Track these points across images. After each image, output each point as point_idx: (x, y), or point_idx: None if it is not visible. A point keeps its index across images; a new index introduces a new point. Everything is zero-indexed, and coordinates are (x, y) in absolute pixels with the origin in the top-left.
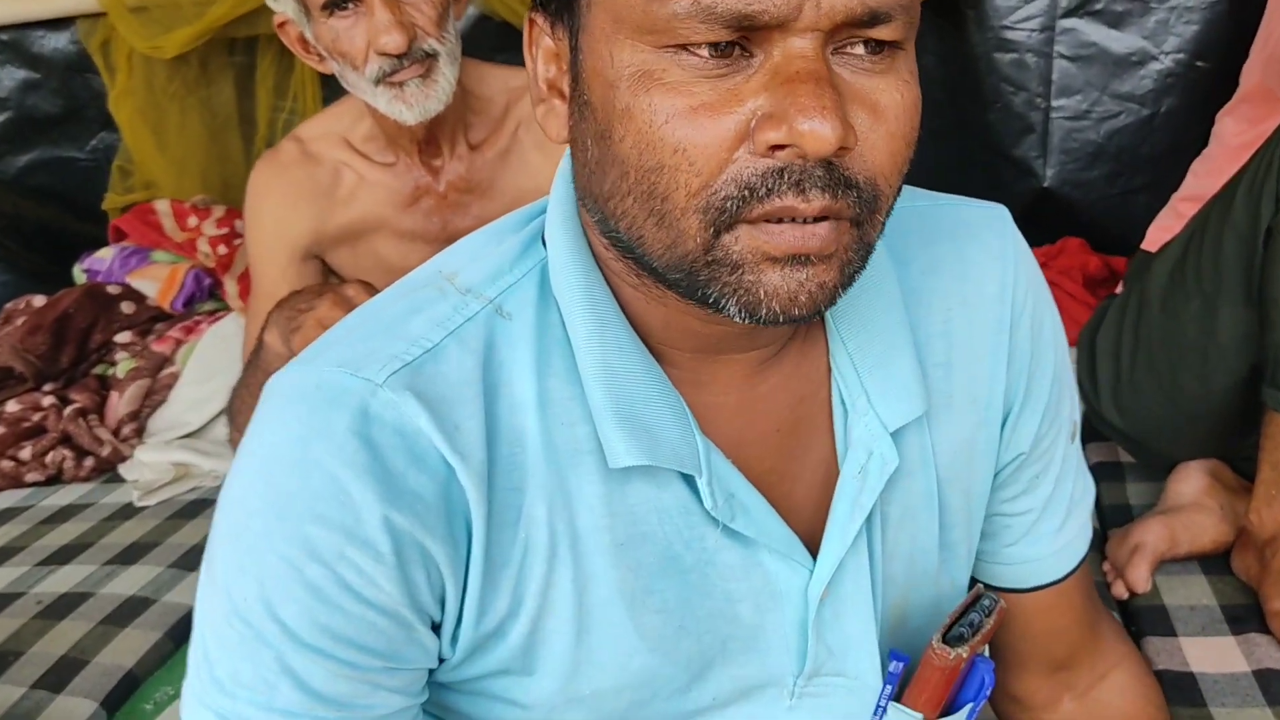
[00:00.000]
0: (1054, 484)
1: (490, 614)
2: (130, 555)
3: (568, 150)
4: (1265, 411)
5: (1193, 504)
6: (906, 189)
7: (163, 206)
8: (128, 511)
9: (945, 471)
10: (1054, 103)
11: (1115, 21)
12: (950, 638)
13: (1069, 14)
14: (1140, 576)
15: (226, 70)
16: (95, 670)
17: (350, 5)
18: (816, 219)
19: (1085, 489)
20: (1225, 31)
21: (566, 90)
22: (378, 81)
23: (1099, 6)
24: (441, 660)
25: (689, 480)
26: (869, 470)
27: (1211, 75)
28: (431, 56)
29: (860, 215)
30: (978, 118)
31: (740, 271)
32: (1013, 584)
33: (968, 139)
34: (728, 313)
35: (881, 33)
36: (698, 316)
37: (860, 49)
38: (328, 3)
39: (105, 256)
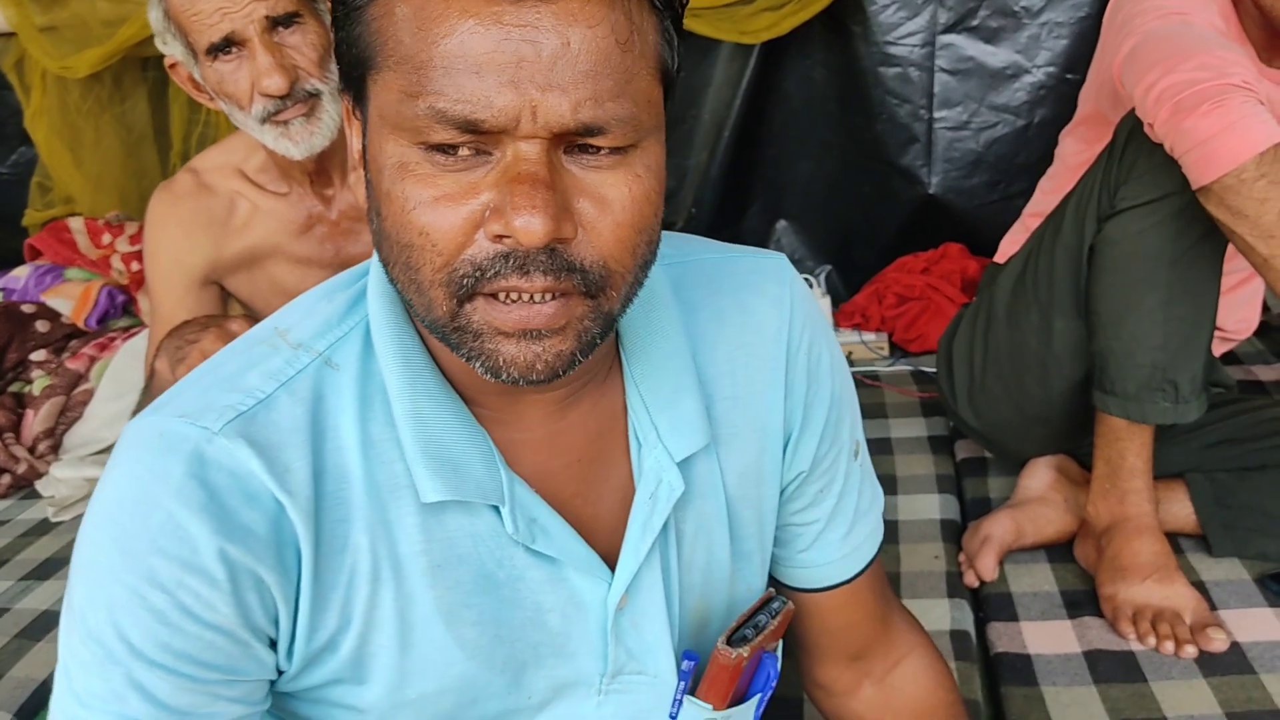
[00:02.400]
0: (838, 497)
1: (321, 631)
2: (45, 570)
3: None
4: (1096, 413)
5: (1039, 498)
6: (700, 241)
7: (77, 224)
8: (44, 527)
9: (734, 491)
10: (936, 114)
11: (990, 37)
12: (734, 639)
13: (948, 30)
14: (987, 566)
15: (140, 87)
16: (9, 683)
17: (234, 49)
18: (544, 297)
19: (872, 499)
20: (1093, 46)
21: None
22: (263, 120)
23: (975, 23)
24: (281, 672)
25: (497, 509)
26: (658, 496)
27: (1080, 87)
28: (314, 96)
29: (591, 290)
30: (866, 129)
31: (481, 339)
32: (807, 585)
33: (858, 149)
34: (478, 372)
35: (601, 141)
36: None
37: (585, 150)
38: (211, 47)
39: (20, 275)
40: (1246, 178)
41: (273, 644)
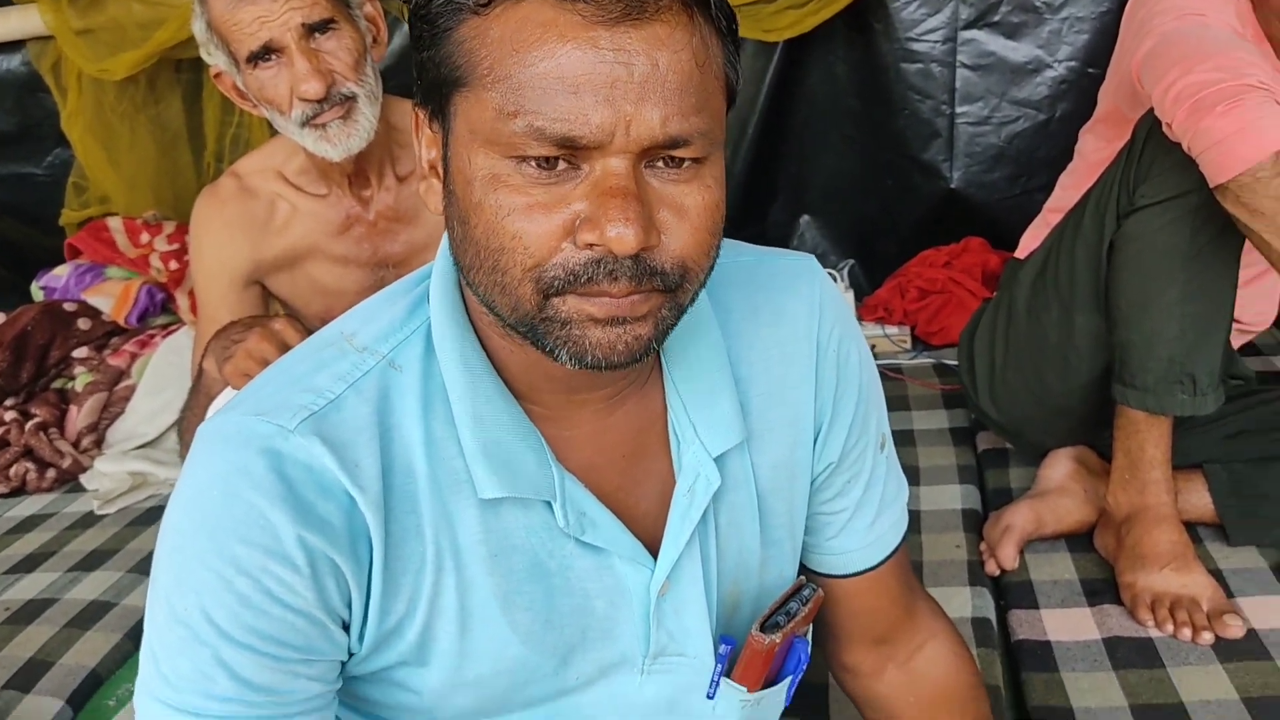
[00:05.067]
0: (864, 488)
1: (390, 616)
2: (92, 562)
3: None
4: (1116, 405)
5: (1059, 488)
6: (734, 245)
7: (115, 224)
8: (89, 520)
9: (766, 483)
10: (958, 109)
11: (1012, 32)
12: (767, 625)
13: (969, 26)
14: (1008, 555)
15: (174, 88)
16: (61, 671)
17: (273, 57)
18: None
19: (897, 490)
20: (1114, 40)
21: (441, 174)
22: (303, 124)
23: (997, 18)
24: (351, 654)
25: (549, 503)
26: (696, 490)
27: (1101, 81)
28: (350, 99)
29: (669, 287)
30: (888, 124)
31: (569, 327)
32: (835, 571)
33: (880, 144)
34: (561, 360)
35: (683, 152)
36: (550, 362)
37: (668, 163)
38: (251, 55)
39: (61, 274)
40: (1262, 176)
41: (346, 627)
